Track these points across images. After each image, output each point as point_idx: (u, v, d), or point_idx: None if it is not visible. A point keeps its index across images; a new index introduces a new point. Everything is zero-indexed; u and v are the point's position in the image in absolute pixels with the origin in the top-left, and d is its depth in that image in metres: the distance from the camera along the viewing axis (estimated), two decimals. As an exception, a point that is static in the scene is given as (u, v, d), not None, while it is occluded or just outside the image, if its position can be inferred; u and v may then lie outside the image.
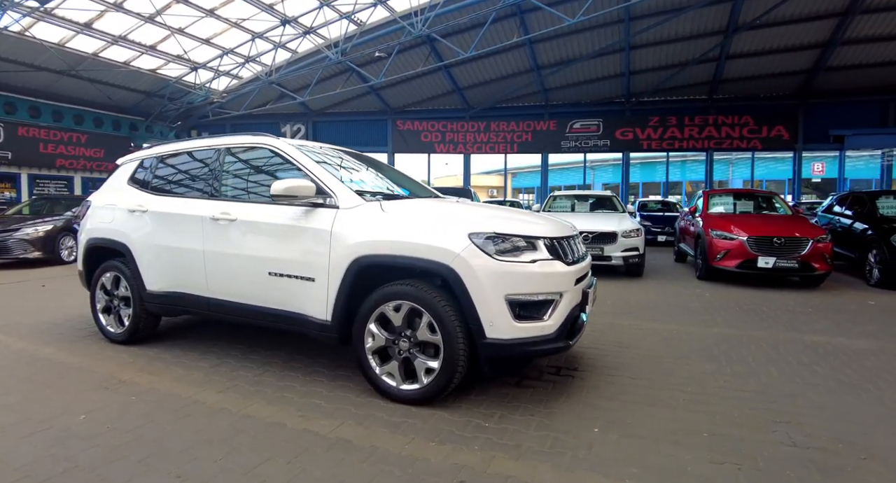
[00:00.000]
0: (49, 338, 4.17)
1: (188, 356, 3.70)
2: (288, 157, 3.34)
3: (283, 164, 3.49)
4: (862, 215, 8.20)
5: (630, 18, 14.37)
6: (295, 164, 3.29)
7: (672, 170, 20.43)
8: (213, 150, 3.75)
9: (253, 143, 3.59)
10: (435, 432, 2.48)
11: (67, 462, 2.18)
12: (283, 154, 3.37)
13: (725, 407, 2.86)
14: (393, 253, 2.77)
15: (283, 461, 2.20)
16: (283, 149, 3.38)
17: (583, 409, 2.79)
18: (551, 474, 2.11)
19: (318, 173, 3.16)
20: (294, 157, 3.31)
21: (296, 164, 3.29)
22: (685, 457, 2.29)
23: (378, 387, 2.88)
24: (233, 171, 3.66)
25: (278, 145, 3.42)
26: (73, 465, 2.17)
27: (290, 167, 3.36)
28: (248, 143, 3.63)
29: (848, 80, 16.29)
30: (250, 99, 17.40)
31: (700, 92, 18.14)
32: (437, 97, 19.28)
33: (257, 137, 3.60)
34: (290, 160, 3.32)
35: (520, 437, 2.45)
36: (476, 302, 2.59)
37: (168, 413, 2.69)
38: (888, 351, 4.04)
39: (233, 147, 3.68)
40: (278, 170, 3.54)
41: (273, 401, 2.88)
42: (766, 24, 14.16)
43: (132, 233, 3.87)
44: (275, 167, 3.58)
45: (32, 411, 2.69)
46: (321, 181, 3.10)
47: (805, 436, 2.51)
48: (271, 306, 3.21)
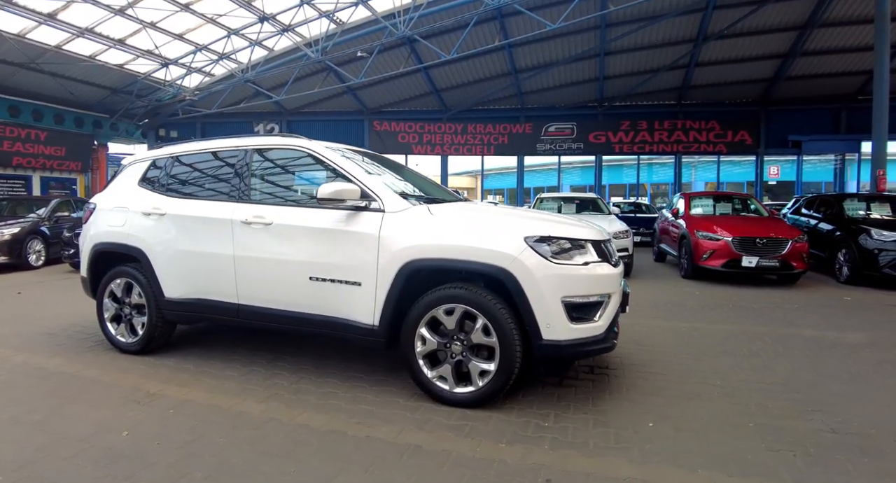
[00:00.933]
0: (50, 349, 3.97)
1: (211, 365, 3.59)
2: (325, 159, 3.31)
3: (313, 166, 3.48)
4: (830, 217, 8.73)
5: (606, 25, 14.78)
6: (334, 168, 3.26)
7: (632, 172, 21.19)
8: (239, 150, 3.65)
9: (284, 144, 3.54)
10: (500, 434, 2.53)
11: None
12: (319, 157, 3.34)
13: (757, 399, 3.03)
14: (447, 257, 2.79)
15: (360, 470, 2.18)
16: (319, 151, 3.35)
17: (630, 405, 2.91)
18: (628, 468, 2.21)
19: (361, 176, 3.15)
20: (333, 160, 3.28)
21: (335, 168, 3.25)
22: (741, 446, 2.43)
23: (430, 391, 2.89)
24: (263, 173, 3.61)
25: (314, 147, 3.39)
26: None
27: (325, 169, 3.34)
28: (279, 144, 3.57)
29: (805, 89, 17.26)
30: (223, 97, 16.91)
31: (669, 97, 18.81)
32: (414, 98, 19.26)
33: (289, 139, 3.55)
34: (328, 163, 3.29)
35: (582, 434, 2.54)
36: (533, 304, 2.66)
37: (215, 426, 2.61)
38: (879, 343, 4.35)
39: (262, 148, 3.61)
40: (312, 172, 3.53)
41: (322, 408, 2.84)
42: (733, 34, 14.85)
43: (148, 237, 3.71)
44: (308, 169, 3.56)
45: (66, 429, 2.56)
46: (365, 185, 3.09)
47: (839, 422, 2.70)
48: (311, 312, 3.16)
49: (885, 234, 7.32)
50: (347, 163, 3.27)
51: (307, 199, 3.45)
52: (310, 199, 3.41)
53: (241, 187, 3.52)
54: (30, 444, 2.38)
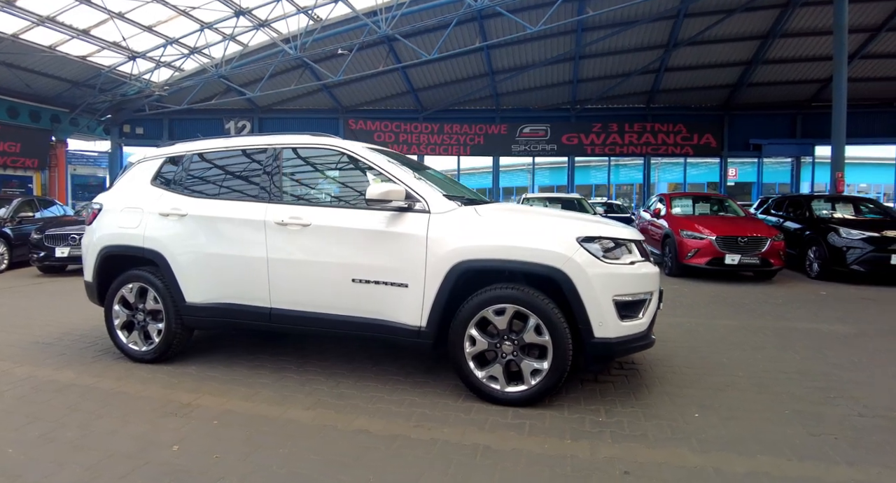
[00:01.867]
0: (53, 360, 3.72)
1: (237, 372, 3.47)
2: (366, 160, 3.28)
3: (347, 166, 3.45)
4: (800, 217, 9.27)
5: (582, 29, 15.15)
6: (374, 169, 3.25)
7: (599, 173, 21.84)
8: (266, 149, 3.55)
9: (318, 143, 3.47)
10: (560, 430, 2.59)
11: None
12: (359, 157, 3.31)
13: (783, 387, 3.22)
14: (499, 257, 2.83)
15: (439, 473, 2.18)
16: (358, 151, 3.33)
17: (670, 398, 3.04)
18: (694, 457, 2.32)
19: (403, 177, 3.14)
20: (373, 161, 3.26)
21: (376, 169, 3.24)
22: (786, 432, 2.59)
23: (480, 391, 2.90)
24: (295, 173, 3.55)
25: (351, 147, 3.35)
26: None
27: (363, 170, 3.33)
28: (313, 143, 3.49)
29: (765, 95, 18.19)
30: (194, 93, 16.38)
31: (639, 101, 19.44)
32: (390, 97, 19.18)
33: (323, 139, 3.48)
34: (368, 164, 3.27)
35: (638, 427, 2.64)
36: (587, 303, 2.73)
37: (269, 436, 2.52)
38: (866, 334, 4.68)
39: (293, 147, 3.53)
40: (347, 172, 3.51)
41: (374, 413, 2.81)
42: (701, 41, 15.50)
43: (167, 239, 3.54)
44: (342, 169, 3.53)
45: (108, 446, 2.41)
46: (409, 186, 3.08)
47: (863, 407, 2.91)
48: (353, 314, 3.12)
49: (852, 232, 7.83)
50: (388, 164, 3.26)
51: (344, 199, 3.42)
52: (347, 199, 3.39)
53: (271, 187, 3.42)
54: (76, 463, 2.24)
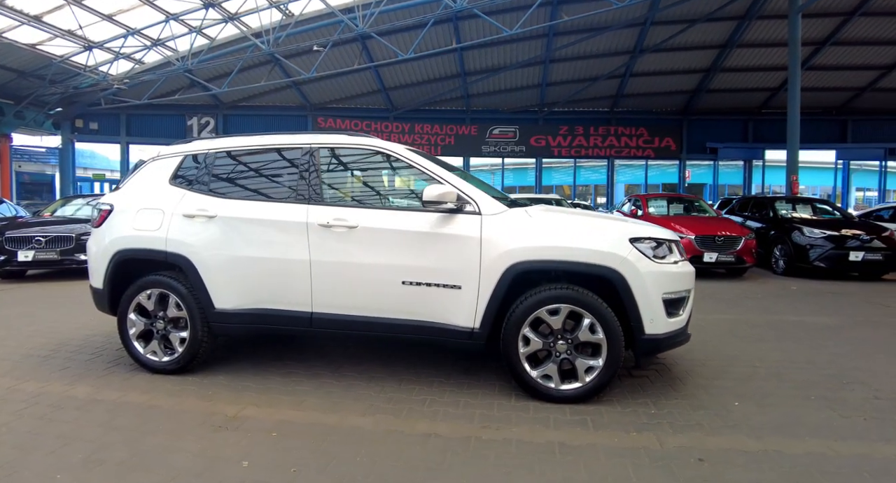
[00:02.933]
0: (59, 374, 3.46)
1: (271, 380, 3.34)
2: (408, 161, 3.28)
3: (389, 166, 3.46)
4: (764, 217, 9.89)
5: (554, 34, 15.54)
6: (421, 170, 3.25)
7: (558, 174, 22.50)
8: (301, 149, 3.45)
9: (357, 143, 3.42)
10: (621, 424, 2.69)
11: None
12: (400, 158, 3.30)
13: (799, 376, 3.48)
14: (557, 258, 2.91)
15: (526, 472, 2.22)
16: (400, 152, 3.32)
17: (705, 390, 3.21)
18: (753, 442, 2.48)
19: (451, 179, 3.16)
20: (417, 162, 3.26)
21: (423, 170, 3.24)
22: (820, 416, 2.81)
23: (535, 389, 2.96)
24: (334, 173, 3.51)
25: (393, 148, 3.34)
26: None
27: (405, 171, 3.34)
28: (351, 143, 3.44)
29: (721, 101, 19.24)
30: (155, 87, 15.65)
31: (604, 105, 20.11)
32: (361, 96, 19.00)
33: (361, 138, 3.44)
34: (411, 165, 3.27)
35: (691, 417, 2.78)
36: (639, 301, 2.86)
37: (338, 445, 2.46)
38: (847, 325, 5.08)
39: (332, 147, 3.45)
40: (390, 173, 3.50)
41: (433, 416, 2.81)
42: (665, 48, 16.22)
43: (194, 242, 3.35)
44: (384, 170, 3.52)
45: (169, 465, 2.27)
46: (458, 187, 3.10)
47: (876, 391, 3.19)
48: (403, 317, 3.10)
49: (815, 231, 8.45)
50: (432, 165, 3.28)
51: (388, 201, 3.42)
52: (392, 201, 3.39)
53: (310, 188, 3.33)
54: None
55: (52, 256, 7.80)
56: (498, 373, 3.48)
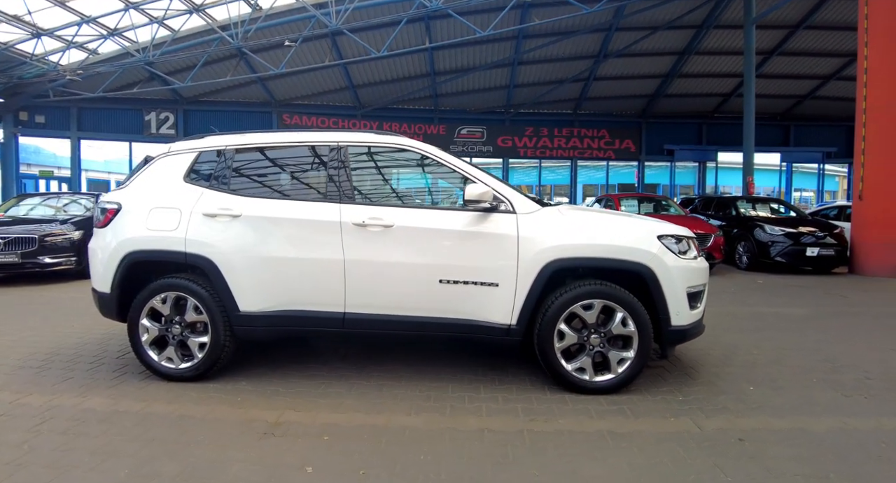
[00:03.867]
0: (64, 385, 3.24)
1: (299, 384, 3.28)
2: (440, 160, 3.32)
3: (421, 165, 3.48)
4: (727, 215, 10.51)
5: (524, 36, 15.85)
6: (447, 167, 3.31)
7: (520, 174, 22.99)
8: (329, 147, 3.41)
9: (388, 143, 3.42)
10: (657, 411, 2.85)
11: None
12: (432, 157, 3.33)
13: (795, 361, 3.77)
14: (592, 255, 3.05)
15: (588, 460, 2.32)
16: (432, 151, 3.35)
17: (719, 377, 3.44)
18: (779, 422, 2.71)
19: (485, 178, 3.23)
20: (449, 162, 3.31)
21: (457, 171, 3.29)
22: (826, 396, 3.08)
23: (569, 382, 3.08)
24: (365, 172, 3.51)
25: (424, 148, 3.36)
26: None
27: (438, 170, 3.39)
28: (381, 142, 3.43)
29: (677, 106, 20.16)
30: (111, 79, 14.84)
31: (568, 107, 20.65)
32: (328, 93, 18.70)
33: (391, 137, 3.44)
34: (443, 164, 3.31)
35: (716, 402, 2.99)
36: (667, 295, 3.04)
37: (396, 446, 2.47)
38: (818, 315, 5.53)
39: (363, 145, 3.44)
40: (422, 172, 3.54)
41: (478, 412, 2.84)
42: (628, 53, 16.86)
43: (218, 243, 3.24)
44: (415, 169, 3.55)
45: (229, 476, 2.20)
46: (492, 187, 3.17)
47: (865, 372, 3.52)
48: (439, 315, 3.14)
49: (775, 229, 9.07)
50: (467, 165, 3.33)
51: (422, 200, 3.46)
52: (425, 200, 3.43)
53: (340, 187, 3.30)
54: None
55: (13, 259, 7.32)
56: (523, 367, 3.60)
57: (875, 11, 8.46)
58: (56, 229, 7.71)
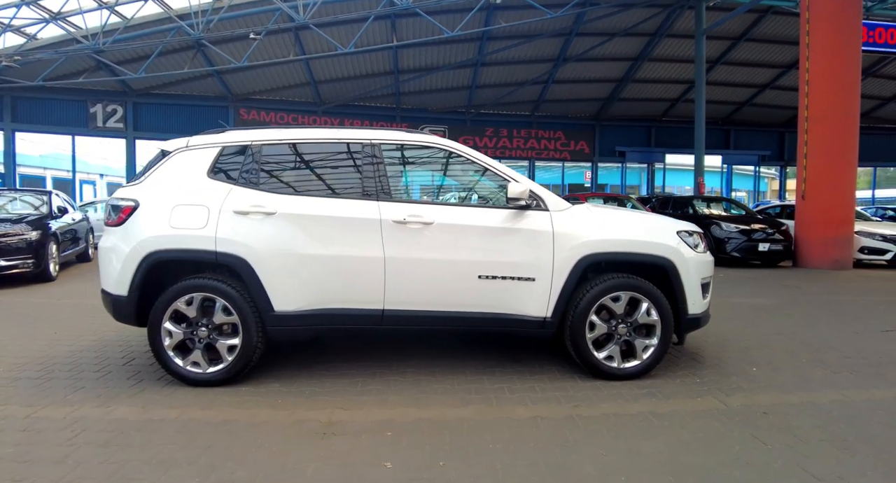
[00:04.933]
0: (79, 396, 3.06)
1: (334, 382, 3.29)
2: (473, 158, 3.43)
3: (453, 163, 3.59)
4: (685, 214, 11.22)
5: (487, 38, 16.14)
6: (479, 165, 3.43)
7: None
8: (362, 144, 3.42)
9: (421, 141, 3.50)
10: (682, 393, 3.10)
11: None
12: (465, 156, 3.44)
13: (781, 345, 4.18)
14: (623, 250, 3.28)
15: (645, 438, 2.51)
16: (464, 150, 3.46)
17: (722, 361, 3.76)
18: (789, 397, 3.05)
19: (520, 177, 3.38)
20: (483, 161, 3.44)
21: (480, 165, 3.43)
22: (818, 374, 3.47)
23: (600, 370, 3.28)
24: (398, 169, 3.55)
25: (457, 146, 3.47)
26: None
27: (471, 168, 3.51)
28: (414, 140, 3.51)
29: (629, 109, 21.16)
30: (53, 67, 13.83)
31: (526, 109, 21.18)
32: (288, 88, 18.24)
33: (422, 136, 3.52)
34: (475, 162, 3.43)
35: (730, 382, 3.29)
36: (686, 286, 3.32)
37: (461, 436, 2.55)
38: (782, 304, 6.08)
39: (396, 143, 3.50)
40: (455, 170, 3.64)
41: (521, 402, 2.95)
42: (585, 58, 17.54)
43: (251, 241, 3.16)
44: (449, 166, 3.64)
45: (311, 477, 2.20)
46: (529, 185, 3.32)
47: (843, 353, 3.96)
48: (478, 310, 3.25)
49: (731, 226, 9.82)
50: (499, 164, 3.47)
51: (457, 197, 3.56)
52: (461, 197, 3.54)
53: (377, 184, 3.32)
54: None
55: (-37, 261, 6.78)
56: (543, 358, 3.78)
57: (815, 31, 9.31)
58: (11, 229, 7.17)
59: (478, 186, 3.67)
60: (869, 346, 4.16)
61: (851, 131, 9.29)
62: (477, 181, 3.51)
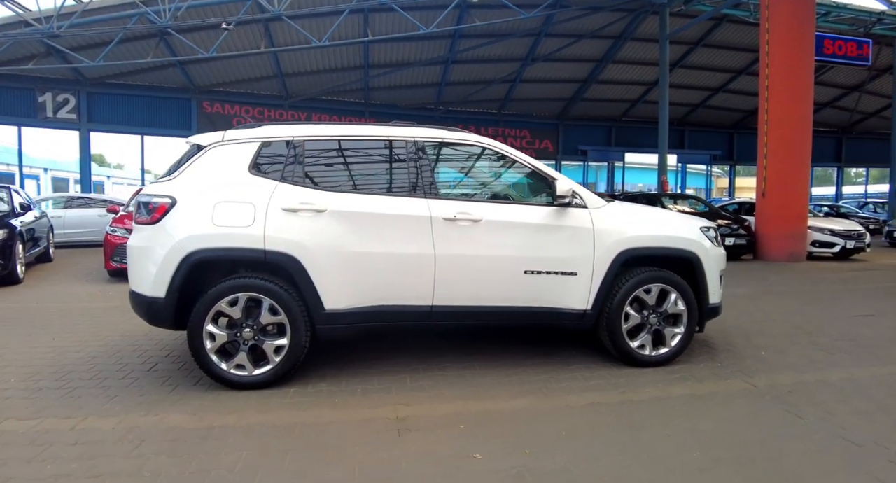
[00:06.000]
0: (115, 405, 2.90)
1: (383, 380, 3.31)
2: (514, 157, 3.58)
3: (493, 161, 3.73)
4: (654, 210, 11.80)
5: (459, 36, 16.28)
6: (520, 163, 3.58)
7: None
8: (406, 142, 3.47)
9: (463, 139, 3.60)
10: (710, 377, 3.36)
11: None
12: (506, 154, 3.58)
13: (776, 330, 4.57)
14: (657, 245, 3.52)
15: (696, 418, 2.75)
16: (506, 149, 3.61)
17: (732, 346, 4.08)
18: (804, 376, 3.38)
19: (562, 176, 3.53)
20: (524, 159, 3.58)
21: (520, 163, 3.57)
22: (820, 355, 3.83)
23: (634, 358, 3.50)
24: (445, 167, 3.64)
25: (498, 145, 3.61)
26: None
27: (512, 167, 3.64)
28: (457, 138, 3.60)
29: (592, 109, 21.89)
30: (-2, 52, 12.85)
31: (493, 107, 21.49)
32: (254, 80, 17.70)
33: (464, 134, 3.62)
34: (520, 161, 3.57)
35: (747, 365, 3.60)
36: (708, 277, 3.60)
37: (534, 426, 2.67)
38: (758, 293, 6.57)
39: (439, 141, 3.57)
40: (496, 168, 3.77)
41: (573, 391, 3.12)
42: (553, 58, 18.00)
43: (303, 239, 3.13)
44: (490, 164, 3.76)
45: (409, 472, 2.24)
46: (571, 184, 3.50)
47: (831, 335, 4.39)
48: (522, 304, 3.39)
49: (698, 222, 10.43)
50: (538, 162, 3.62)
51: (501, 195, 3.68)
52: (504, 195, 3.67)
53: (424, 182, 3.38)
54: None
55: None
56: (570, 348, 3.97)
57: (774, 43, 10.03)
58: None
59: (519, 184, 3.81)
60: (851, 330, 4.62)
61: (806, 135, 10.08)
62: (518, 178, 3.65)
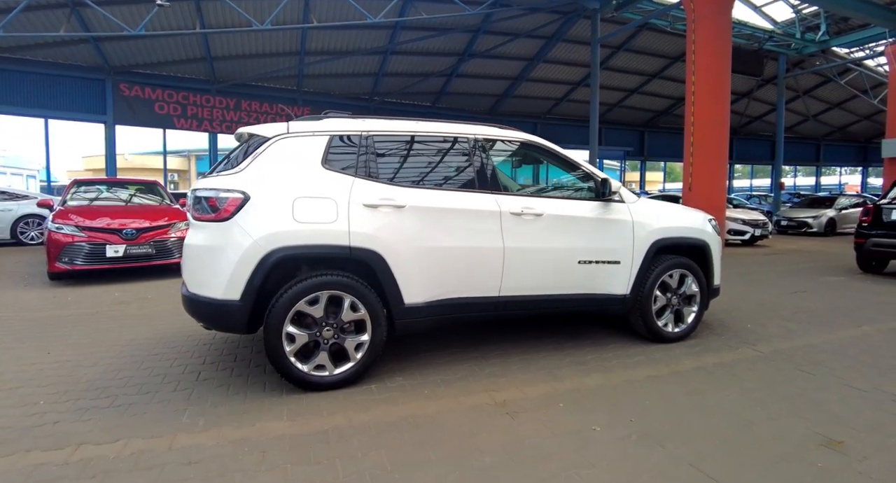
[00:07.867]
0: (187, 421, 2.72)
1: (449, 371, 3.46)
2: (563, 156, 3.94)
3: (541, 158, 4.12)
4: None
5: (401, 28, 16.27)
6: (569, 163, 3.95)
7: None
8: (466, 138, 3.65)
9: (514, 137, 3.88)
10: (720, 348, 3.93)
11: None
12: (552, 151, 3.93)
13: (747, 307, 5.37)
14: (679, 235, 4.05)
15: (737, 381, 3.32)
16: (551, 147, 3.95)
17: (722, 321, 4.78)
18: (793, 342, 4.09)
19: (602, 174, 3.93)
20: (568, 157, 3.94)
21: (564, 159, 3.94)
22: (794, 325, 4.63)
23: (660, 335, 4.01)
24: (503, 164, 3.89)
25: (545, 143, 3.96)
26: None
27: (559, 164, 3.98)
28: (512, 137, 3.87)
29: (520, 106, 22.84)
30: None
31: (429, 100, 21.67)
32: (179, 62, 16.36)
33: (515, 132, 3.89)
34: (566, 159, 3.94)
35: (741, 336, 4.25)
36: (713, 262, 4.23)
37: (615, 399, 2.96)
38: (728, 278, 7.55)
39: (496, 139, 3.80)
40: (547, 165, 4.10)
41: (611, 369, 3.45)
42: (489, 55, 18.56)
43: (386, 235, 3.17)
44: (538, 161, 4.08)
45: (546, 450, 2.42)
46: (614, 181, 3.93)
47: (789, 309, 5.26)
48: (575, 292, 3.75)
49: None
50: (582, 161, 4.00)
51: (550, 190, 4.01)
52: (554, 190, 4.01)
53: (489, 178, 3.58)
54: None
55: None
56: (593, 329, 4.43)
57: (699, 52, 11.30)
58: None
59: (569, 180, 4.14)
60: (800, 303, 5.57)
61: (725, 135, 11.49)
62: (565, 175, 4.01)
